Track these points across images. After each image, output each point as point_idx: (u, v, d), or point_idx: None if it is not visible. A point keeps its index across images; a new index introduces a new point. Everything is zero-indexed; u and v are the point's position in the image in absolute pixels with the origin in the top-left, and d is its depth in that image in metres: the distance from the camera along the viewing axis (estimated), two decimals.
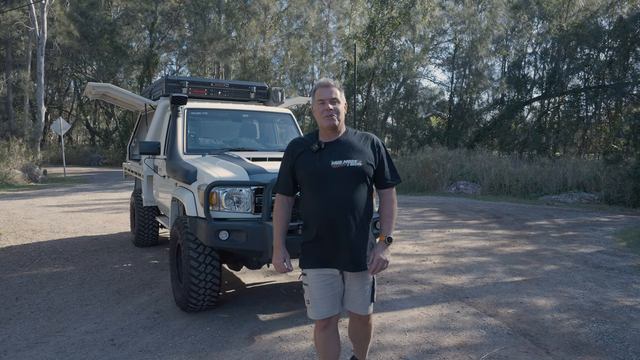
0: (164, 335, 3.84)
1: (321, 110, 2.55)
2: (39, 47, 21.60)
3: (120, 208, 11.35)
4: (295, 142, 2.68)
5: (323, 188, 2.50)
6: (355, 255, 2.52)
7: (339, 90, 2.59)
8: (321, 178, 2.51)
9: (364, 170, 2.52)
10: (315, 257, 2.58)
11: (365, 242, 2.57)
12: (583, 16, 21.71)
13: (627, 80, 18.80)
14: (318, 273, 2.58)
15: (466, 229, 9.00)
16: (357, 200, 2.51)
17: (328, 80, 2.60)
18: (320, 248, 2.56)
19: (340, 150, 2.54)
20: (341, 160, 2.50)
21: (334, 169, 2.49)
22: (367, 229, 2.58)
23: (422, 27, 25.53)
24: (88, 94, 6.90)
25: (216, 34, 28.14)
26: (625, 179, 13.15)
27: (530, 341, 3.81)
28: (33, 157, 19.62)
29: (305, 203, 2.60)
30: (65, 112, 39.87)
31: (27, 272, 5.74)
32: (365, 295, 2.64)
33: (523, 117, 25.73)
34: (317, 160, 2.52)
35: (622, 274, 5.90)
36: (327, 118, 2.53)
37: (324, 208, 2.50)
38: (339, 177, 2.49)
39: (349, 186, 2.49)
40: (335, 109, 2.55)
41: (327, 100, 2.54)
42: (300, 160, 2.57)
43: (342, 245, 2.51)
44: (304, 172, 2.56)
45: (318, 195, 2.52)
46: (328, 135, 2.60)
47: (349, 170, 2.50)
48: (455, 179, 16.54)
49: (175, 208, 4.94)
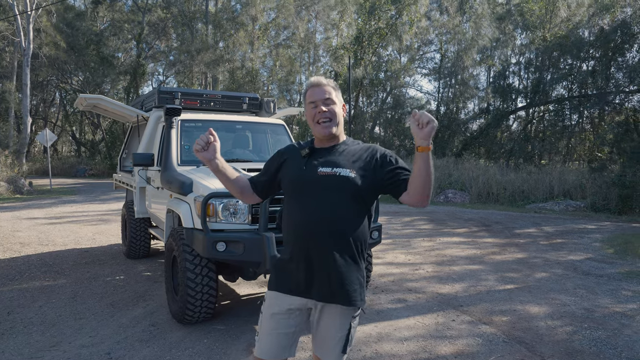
0: (161, 348, 3.81)
1: (313, 114, 2.12)
2: (24, 58, 21.41)
3: (109, 220, 11.24)
4: (288, 146, 2.33)
5: (305, 198, 2.08)
6: (335, 284, 2.03)
7: (333, 90, 2.16)
8: (304, 185, 2.09)
9: (357, 183, 2.03)
10: (284, 280, 2.13)
11: (349, 271, 2.05)
12: (566, 27, 22.17)
13: (610, 90, 19.18)
14: (279, 301, 2.12)
15: (456, 237, 9.08)
16: (344, 218, 2.04)
17: (319, 79, 2.18)
18: (294, 270, 2.09)
19: (332, 157, 2.12)
20: (331, 167, 2.07)
21: (320, 176, 2.06)
22: (354, 257, 2.07)
23: (409, 38, 25.88)
24: (79, 105, 6.87)
25: (204, 44, 28.18)
26: (610, 186, 13.40)
27: (525, 349, 3.86)
28: (18, 168, 19.36)
29: (285, 215, 2.19)
30: (51, 123, 39.42)
31: (18, 286, 5.66)
32: (336, 341, 2.11)
33: (509, 126, 26.09)
34: (304, 164, 2.13)
35: (611, 280, 6.00)
36: (320, 125, 2.11)
37: (303, 221, 2.06)
38: (325, 187, 2.05)
39: (336, 200, 2.03)
40: (331, 111, 2.12)
41: (320, 102, 2.11)
42: (287, 164, 2.22)
43: (319, 270, 2.04)
44: (287, 177, 2.19)
45: (299, 206, 2.10)
46: (323, 143, 2.19)
47: (338, 181, 2.04)
48: (444, 188, 16.68)
49: (170, 220, 4.93)
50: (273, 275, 2.19)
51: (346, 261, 2.04)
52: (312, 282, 2.06)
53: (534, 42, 23.25)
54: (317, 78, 2.19)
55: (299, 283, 2.07)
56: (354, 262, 2.07)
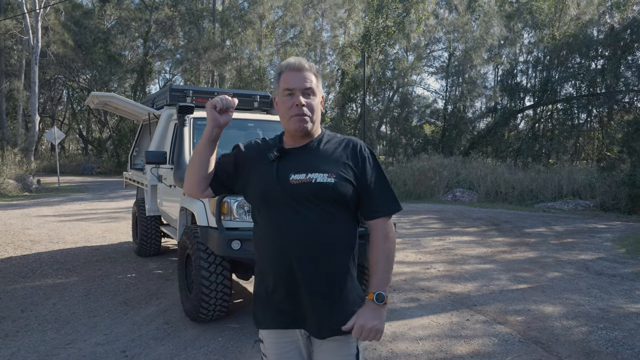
0: (176, 347, 3.81)
1: (289, 105, 1.70)
2: (33, 56, 21.50)
3: (118, 217, 11.27)
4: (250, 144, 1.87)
5: (277, 215, 1.69)
6: (321, 314, 1.69)
7: (315, 77, 1.74)
8: (274, 199, 1.68)
9: (338, 188, 1.66)
10: (274, 315, 1.76)
11: (345, 294, 1.72)
12: (575, 25, 22.02)
13: (619, 89, 19.05)
14: (279, 339, 1.78)
15: (466, 236, 9.04)
16: (327, 232, 1.67)
17: (300, 61, 1.74)
18: (280, 303, 1.75)
19: (306, 159, 1.72)
20: (305, 173, 1.68)
21: (293, 185, 1.66)
22: (345, 275, 1.73)
23: (417, 36, 25.78)
24: (90, 103, 6.89)
25: (211, 42, 28.20)
26: (620, 186, 13.29)
27: (542, 349, 3.83)
28: (27, 166, 19.46)
29: (256, 237, 1.80)
30: (58, 121, 39.63)
31: (30, 284, 5.68)
32: None
33: (517, 125, 25.97)
34: (273, 173, 1.70)
35: (625, 280, 5.95)
36: (295, 119, 1.69)
37: (278, 245, 1.68)
38: (299, 198, 1.66)
39: (314, 212, 1.66)
40: (309, 105, 1.70)
41: (298, 91, 1.69)
42: (252, 170, 1.78)
43: (309, 303, 1.69)
44: (254, 189, 1.75)
45: (271, 227, 1.71)
46: (295, 140, 1.77)
47: (315, 188, 1.65)
48: (452, 187, 16.63)
49: (183, 218, 4.93)
50: (260, 311, 1.80)
51: (339, 283, 1.71)
52: (304, 316, 1.72)
53: (543, 41, 23.13)
54: (297, 59, 1.74)
55: (293, 316, 1.74)
56: (349, 279, 1.74)
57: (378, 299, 1.66)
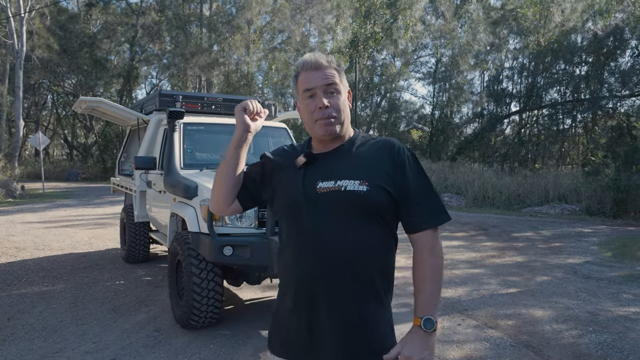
0: (167, 354, 3.77)
1: (311, 108, 1.52)
2: (17, 60, 21.25)
3: (105, 223, 11.14)
4: (278, 150, 1.74)
5: (302, 227, 1.51)
6: (349, 346, 1.47)
7: (337, 72, 1.55)
8: (301, 209, 1.51)
9: (371, 198, 1.47)
10: (283, 340, 1.59)
11: (376, 321, 1.51)
12: (559, 32, 22.36)
13: (603, 94, 19.36)
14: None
15: (455, 241, 9.09)
16: (358, 249, 1.48)
17: (317, 58, 1.54)
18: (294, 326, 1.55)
19: (335, 165, 1.53)
20: (334, 180, 1.49)
21: (320, 194, 1.49)
22: (380, 299, 1.53)
23: (404, 42, 25.99)
24: (77, 107, 6.81)
25: (198, 47, 28.10)
26: (605, 190, 13.48)
27: (533, 352, 3.86)
28: (10, 172, 19.17)
29: (281, 251, 1.64)
30: (43, 126, 39.11)
31: (16, 291, 5.58)
32: None
33: (503, 130, 26.25)
34: (299, 181, 1.53)
35: (612, 284, 6.03)
36: (320, 123, 1.52)
37: (302, 260, 1.51)
38: (328, 209, 1.48)
39: (343, 224, 1.47)
40: (334, 105, 1.52)
41: (320, 90, 1.51)
42: (280, 179, 1.62)
43: (326, 327, 1.48)
44: (280, 199, 1.61)
45: (296, 239, 1.54)
46: (324, 145, 1.60)
47: (345, 198, 1.47)
48: (440, 192, 16.73)
49: (173, 224, 4.88)
50: (274, 330, 1.65)
51: (370, 309, 1.50)
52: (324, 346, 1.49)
53: (528, 47, 23.45)
54: (313, 55, 1.54)
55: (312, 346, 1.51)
56: (380, 304, 1.52)
57: (426, 325, 1.44)
